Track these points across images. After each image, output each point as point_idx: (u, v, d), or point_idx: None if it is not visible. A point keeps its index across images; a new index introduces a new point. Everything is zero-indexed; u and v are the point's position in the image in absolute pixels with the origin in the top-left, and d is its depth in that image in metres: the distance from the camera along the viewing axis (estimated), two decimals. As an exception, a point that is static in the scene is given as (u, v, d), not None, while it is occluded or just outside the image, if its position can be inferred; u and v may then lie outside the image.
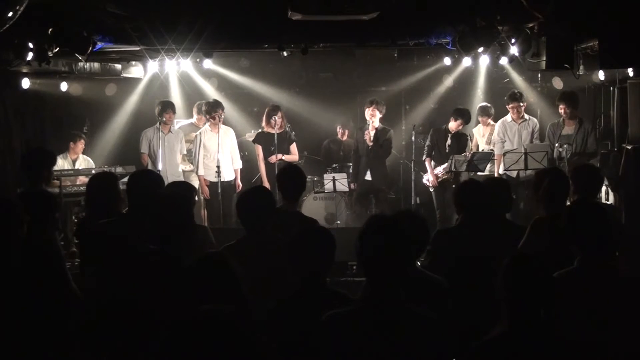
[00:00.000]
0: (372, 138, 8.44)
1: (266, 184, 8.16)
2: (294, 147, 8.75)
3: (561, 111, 7.97)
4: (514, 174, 7.98)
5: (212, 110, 8.35)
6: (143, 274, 3.34)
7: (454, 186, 8.37)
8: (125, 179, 8.03)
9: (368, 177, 8.61)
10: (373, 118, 8.40)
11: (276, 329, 2.91)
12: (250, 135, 9.45)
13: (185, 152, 8.81)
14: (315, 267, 3.04)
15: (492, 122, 8.97)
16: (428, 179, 8.61)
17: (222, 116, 8.52)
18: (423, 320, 2.48)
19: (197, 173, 8.54)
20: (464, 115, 8.51)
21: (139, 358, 3.01)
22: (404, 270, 2.47)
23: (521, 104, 8.39)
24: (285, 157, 8.49)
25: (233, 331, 2.15)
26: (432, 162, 8.62)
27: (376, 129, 8.46)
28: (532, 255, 2.75)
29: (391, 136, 8.62)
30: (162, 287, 3.19)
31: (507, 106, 8.49)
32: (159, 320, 2.99)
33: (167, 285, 3.17)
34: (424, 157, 8.68)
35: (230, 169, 8.54)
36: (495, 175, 8.35)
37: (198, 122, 9.07)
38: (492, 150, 8.58)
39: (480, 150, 8.68)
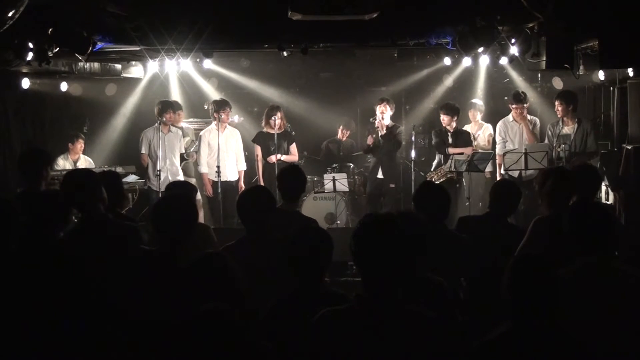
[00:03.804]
0: (381, 136, 8.49)
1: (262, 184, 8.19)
2: (293, 147, 8.76)
3: (555, 108, 7.98)
4: (515, 173, 7.99)
5: (219, 108, 8.37)
6: (141, 275, 3.34)
7: (457, 185, 8.44)
8: (127, 178, 8.14)
9: (380, 175, 8.66)
10: (384, 114, 8.45)
11: (274, 329, 2.91)
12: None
13: (183, 151, 8.82)
14: (312, 267, 3.04)
15: (479, 120, 9.00)
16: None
17: (229, 115, 8.55)
18: (421, 319, 2.47)
19: (200, 171, 8.58)
20: (449, 108, 8.58)
21: (139, 358, 3.02)
22: (400, 268, 2.46)
23: (525, 106, 8.40)
24: (285, 158, 8.50)
25: (231, 330, 2.16)
26: (435, 163, 8.67)
27: (387, 126, 8.50)
28: (536, 255, 2.75)
29: (402, 131, 8.76)
30: (160, 287, 3.19)
31: (510, 106, 8.47)
32: (158, 320, 2.99)
33: (165, 285, 3.17)
34: (441, 149, 8.64)
35: (234, 169, 8.56)
36: (497, 175, 8.36)
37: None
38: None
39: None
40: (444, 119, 8.58)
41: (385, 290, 2.44)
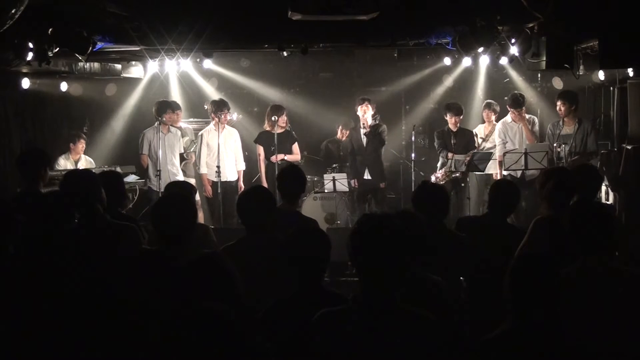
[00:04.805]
0: (364, 134, 8.49)
1: (265, 185, 8.18)
2: (295, 147, 8.78)
3: (558, 108, 7.98)
4: (517, 173, 7.98)
5: (217, 109, 8.36)
6: (141, 274, 3.34)
7: (462, 184, 8.44)
8: (127, 178, 8.14)
9: (367, 176, 8.65)
10: (366, 114, 8.45)
11: (273, 329, 2.91)
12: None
13: (182, 151, 8.82)
14: (311, 267, 3.04)
15: (494, 121, 8.99)
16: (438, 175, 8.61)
17: (228, 116, 8.55)
18: (418, 320, 2.46)
19: (199, 172, 8.58)
20: (452, 108, 8.56)
21: (137, 357, 3.02)
22: (397, 269, 2.45)
23: (523, 109, 8.38)
24: (288, 157, 8.52)
25: (229, 330, 2.15)
26: (439, 163, 8.67)
27: (370, 125, 8.50)
28: (538, 255, 2.75)
29: (385, 129, 8.70)
30: (158, 287, 3.19)
31: (509, 108, 8.46)
32: (156, 320, 2.99)
33: (163, 285, 3.17)
34: (443, 153, 8.61)
35: (234, 169, 8.56)
36: (498, 176, 8.35)
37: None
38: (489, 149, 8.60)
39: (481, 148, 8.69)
40: (451, 119, 8.54)
41: (383, 290, 2.44)
